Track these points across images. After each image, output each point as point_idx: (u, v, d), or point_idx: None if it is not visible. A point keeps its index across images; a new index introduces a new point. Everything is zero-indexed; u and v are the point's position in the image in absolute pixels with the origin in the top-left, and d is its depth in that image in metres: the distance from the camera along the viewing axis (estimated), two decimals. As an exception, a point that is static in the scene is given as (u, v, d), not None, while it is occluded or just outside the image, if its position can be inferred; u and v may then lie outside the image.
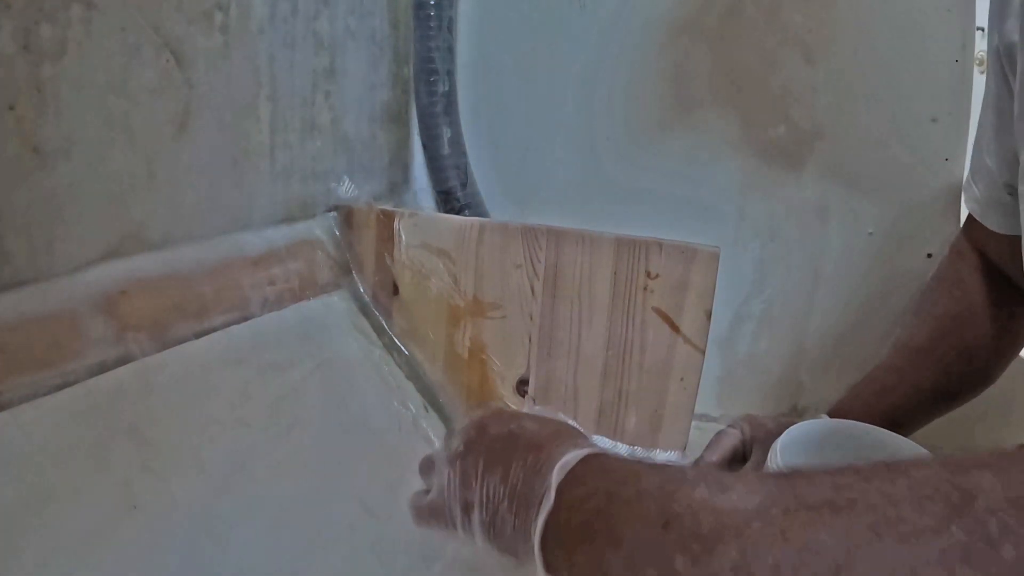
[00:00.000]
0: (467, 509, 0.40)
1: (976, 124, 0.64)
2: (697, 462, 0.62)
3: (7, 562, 0.34)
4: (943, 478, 0.24)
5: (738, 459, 0.63)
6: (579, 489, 0.35)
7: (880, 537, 0.23)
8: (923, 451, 0.52)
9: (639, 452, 0.60)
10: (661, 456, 0.59)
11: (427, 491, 0.45)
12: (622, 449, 0.60)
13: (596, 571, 0.32)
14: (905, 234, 0.74)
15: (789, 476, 0.28)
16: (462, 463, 0.42)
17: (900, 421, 0.63)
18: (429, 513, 0.43)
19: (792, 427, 0.56)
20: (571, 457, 0.36)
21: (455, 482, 0.41)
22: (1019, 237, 0.56)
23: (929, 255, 0.74)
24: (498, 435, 0.42)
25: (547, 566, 0.34)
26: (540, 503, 0.35)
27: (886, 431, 0.55)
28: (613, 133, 0.80)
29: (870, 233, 0.75)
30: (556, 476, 0.36)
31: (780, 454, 0.52)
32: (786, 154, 0.75)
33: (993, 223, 0.63)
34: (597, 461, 0.36)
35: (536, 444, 0.39)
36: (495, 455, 0.40)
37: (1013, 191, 0.57)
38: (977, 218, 0.65)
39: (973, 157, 0.65)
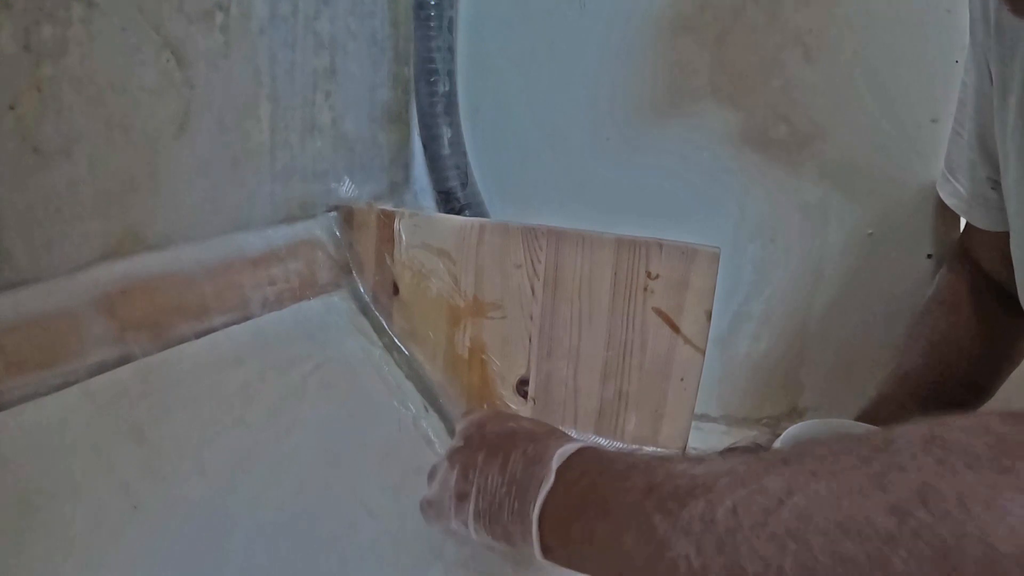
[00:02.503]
0: (462, 498, 0.43)
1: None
2: None
3: (7, 562, 0.34)
4: (877, 432, 0.28)
5: None
6: (574, 472, 0.38)
7: (816, 477, 0.27)
8: None
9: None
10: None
11: (427, 486, 0.47)
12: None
13: (587, 539, 0.35)
14: (905, 234, 0.74)
15: (757, 450, 0.32)
16: (461, 456, 0.45)
17: None
18: (428, 507, 0.46)
19: (791, 427, 0.56)
20: (569, 447, 0.40)
21: (452, 475, 0.44)
22: (1007, 234, 0.56)
23: (929, 255, 0.74)
24: (497, 431, 0.45)
25: (543, 544, 0.38)
26: (540, 485, 0.38)
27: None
28: (613, 133, 0.80)
29: (870, 233, 0.75)
30: (556, 461, 0.39)
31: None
32: (786, 154, 0.75)
33: (979, 220, 0.63)
34: (591, 451, 0.40)
35: (534, 438, 0.43)
36: (494, 448, 0.43)
37: (996, 185, 0.58)
38: (962, 215, 0.65)
39: (950, 154, 0.66)
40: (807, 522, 0.26)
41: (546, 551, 0.38)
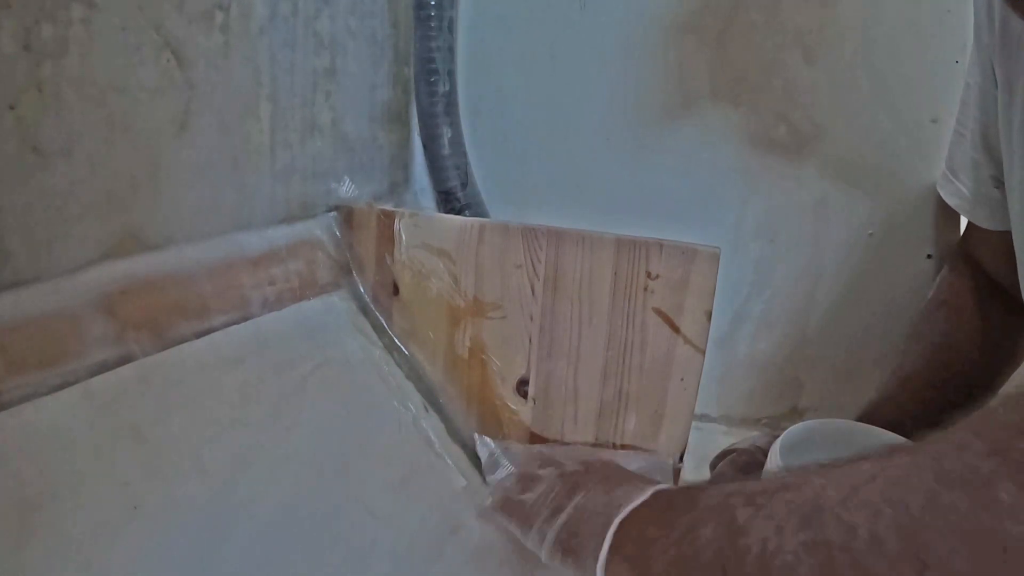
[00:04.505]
0: (556, 512, 0.45)
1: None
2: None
3: (8, 562, 0.34)
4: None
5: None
6: (666, 494, 0.42)
7: (906, 454, 0.29)
8: None
9: None
10: None
11: (518, 486, 0.50)
12: None
13: (663, 534, 0.37)
14: (905, 234, 0.75)
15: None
16: (575, 478, 0.47)
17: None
18: (516, 509, 0.48)
19: (792, 427, 0.56)
20: (667, 486, 0.43)
21: (560, 489, 0.47)
22: (1009, 233, 0.56)
23: (929, 255, 0.74)
24: (619, 470, 0.49)
25: (612, 546, 0.39)
26: (631, 500, 0.41)
27: (887, 431, 0.55)
28: (613, 134, 0.80)
29: (870, 233, 0.75)
30: (655, 488, 0.42)
31: (780, 454, 0.52)
32: (786, 154, 0.75)
33: (982, 219, 0.63)
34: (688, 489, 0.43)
35: (643, 479, 0.46)
36: (609, 478, 0.46)
37: (1000, 184, 0.58)
38: (964, 215, 0.65)
39: (952, 155, 0.66)
40: (903, 486, 0.27)
41: (612, 558, 0.39)
